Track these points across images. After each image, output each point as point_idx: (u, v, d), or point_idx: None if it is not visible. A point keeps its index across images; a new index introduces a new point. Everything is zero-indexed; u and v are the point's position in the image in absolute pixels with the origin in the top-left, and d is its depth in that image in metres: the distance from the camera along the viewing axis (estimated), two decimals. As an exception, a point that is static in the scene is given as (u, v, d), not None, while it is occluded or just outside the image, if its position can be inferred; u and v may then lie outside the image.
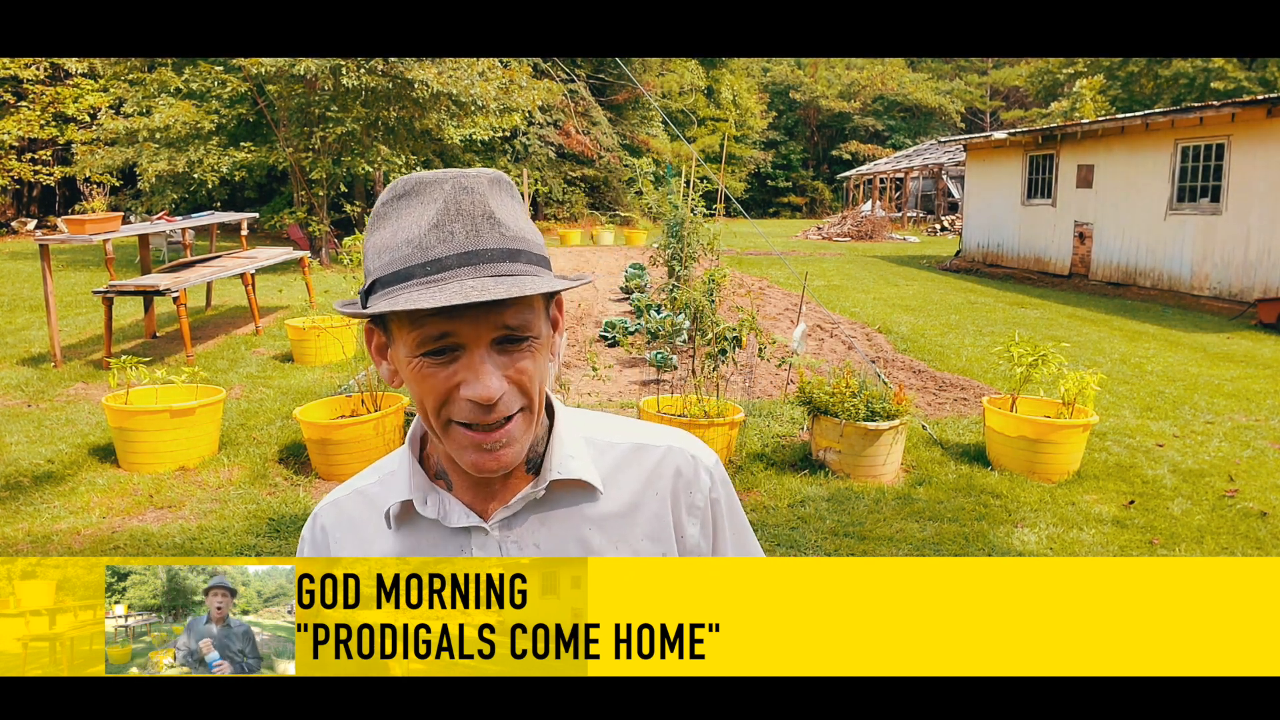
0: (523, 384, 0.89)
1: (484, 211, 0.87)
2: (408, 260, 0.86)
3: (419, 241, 0.86)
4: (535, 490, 0.97)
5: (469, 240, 0.86)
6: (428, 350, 0.87)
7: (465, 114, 16.38)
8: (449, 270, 0.85)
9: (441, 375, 0.88)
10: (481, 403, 0.86)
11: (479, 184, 0.88)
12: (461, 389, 0.87)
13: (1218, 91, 26.97)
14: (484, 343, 0.87)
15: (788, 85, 45.59)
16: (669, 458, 1.02)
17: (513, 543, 0.97)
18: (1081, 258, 15.39)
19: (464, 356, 0.87)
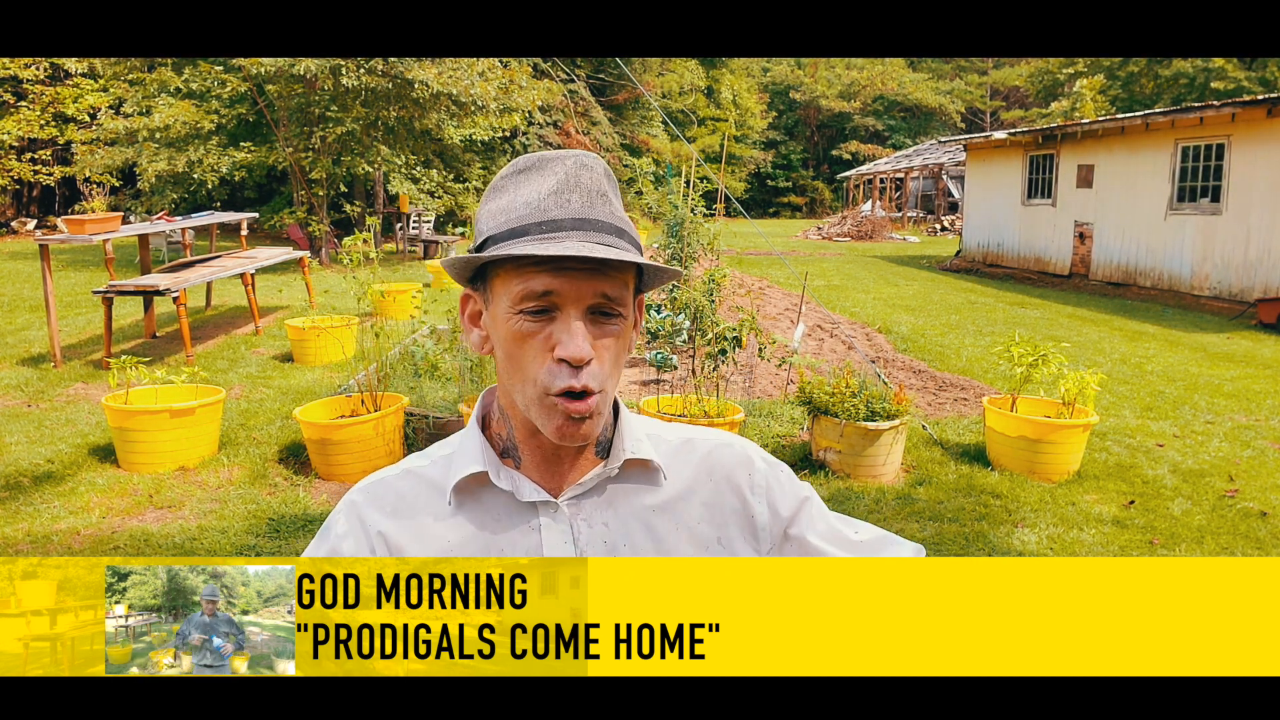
0: (604, 360, 0.93)
1: (599, 189, 0.94)
2: (524, 219, 0.92)
3: (538, 204, 0.92)
4: (609, 469, 1.00)
5: (584, 209, 0.92)
6: (528, 308, 0.91)
7: (465, 114, 16.38)
8: (563, 231, 0.90)
9: (538, 335, 0.92)
10: (573, 362, 0.90)
11: (597, 165, 0.96)
12: (556, 350, 0.91)
13: (1218, 91, 26.97)
14: (581, 306, 0.91)
15: (788, 85, 45.59)
16: (720, 451, 1.07)
17: (582, 519, 1.00)
18: (1082, 258, 15.39)
19: (560, 318, 0.91)
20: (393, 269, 15.97)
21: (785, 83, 45.68)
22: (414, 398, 5.89)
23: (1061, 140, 15.90)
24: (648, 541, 1.01)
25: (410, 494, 1.02)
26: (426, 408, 5.80)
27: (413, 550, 0.99)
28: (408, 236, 19.05)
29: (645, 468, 1.03)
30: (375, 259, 6.04)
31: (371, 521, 1.01)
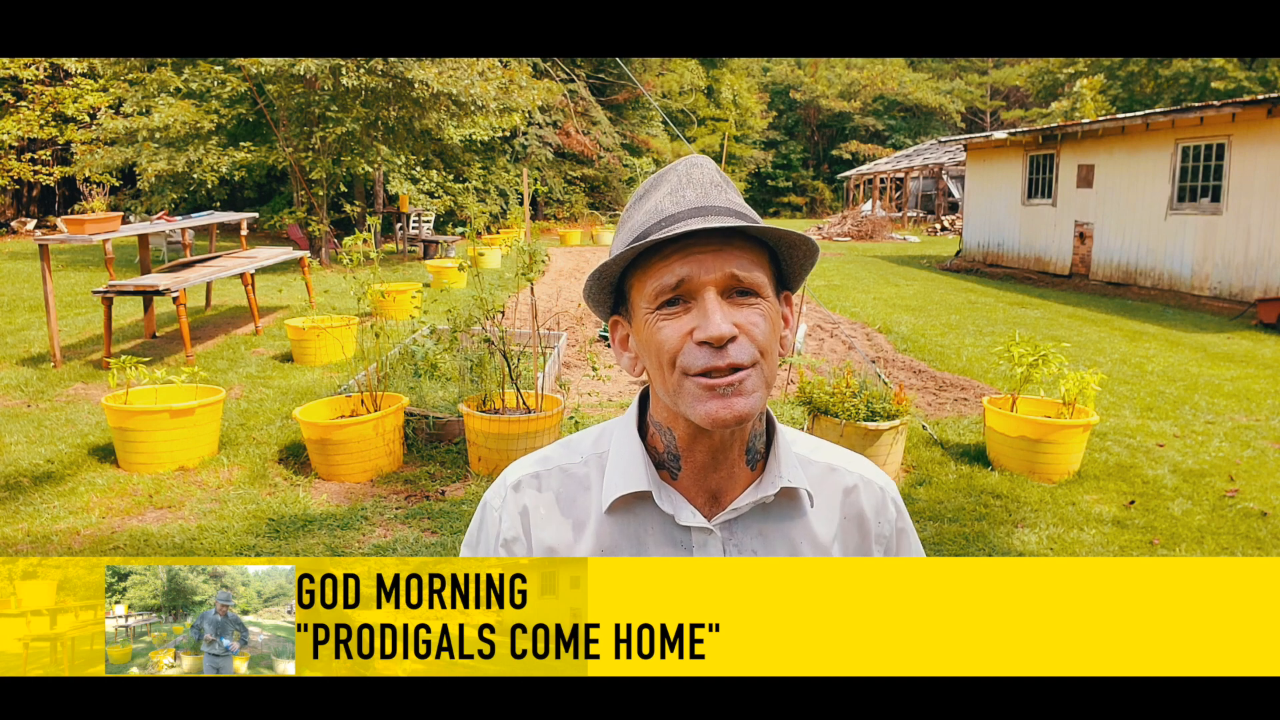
0: (753, 334, 0.90)
1: (712, 180, 0.95)
2: (645, 224, 0.93)
3: (655, 208, 0.94)
4: (765, 495, 0.97)
5: (698, 199, 0.93)
6: (663, 302, 0.91)
7: (465, 114, 16.38)
8: (680, 220, 0.90)
9: (675, 325, 0.90)
10: (713, 343, 0.88)
11: (708, 163, 0.98)
12: (695, 333, 0.89)
13: (1218, 91, 26.97)
14: (714, 288, 0.89)
15: (788, 85, 45.59)
16: (862, 488, 1.05)
17: (734, 545, 0.98)
18: (1082, 258, 15.39)
19: (695, 305, 0.90)
20: (393, 269, 15.97)
21: (785, 83, 45.68)
22: (414, 398, 5.89)
23: (1062, 140, 15.90)
24: None
25: (566, 496, 1.01)
26: (426, 408, 5.80)
27: (567, 550, 0.99)
28: (408, 236, 19.05)
29: (793, 495, 1.01)
30: (375, 259, 6.04)
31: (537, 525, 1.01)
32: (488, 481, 5.05)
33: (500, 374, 5.42)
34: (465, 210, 19.83)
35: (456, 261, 14.22)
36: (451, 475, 5.20)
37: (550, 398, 5.51)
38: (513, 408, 5.34)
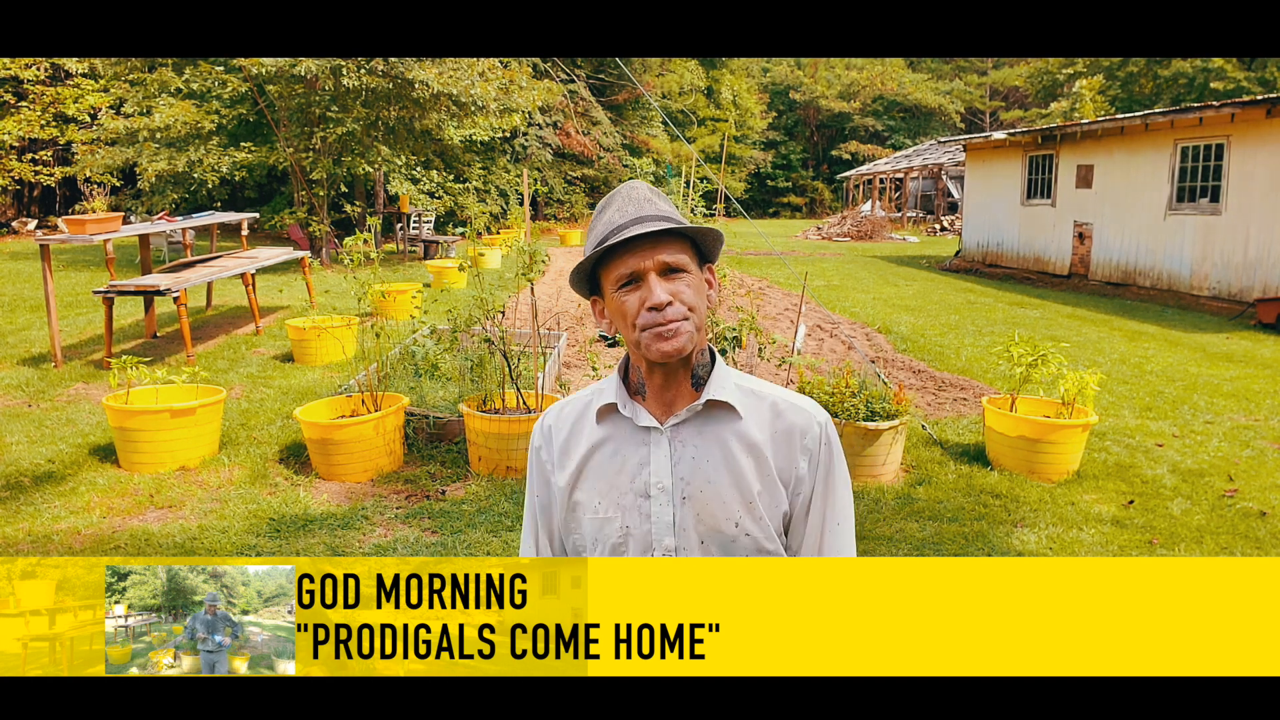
0: (681, 298, 1.32)
1: (644, 197, 1.37)
2: (602, 234, 1.36)
3: (609, 221, 1.36)
4: (696, 405, 1.36)
5: (638, 211, 1.34)
6: (621, 284, 1.33)
7: (465, 114, 16.37)
8: (624, 229, 1.32)
9: (632, 299, 1.32)
10: (656, 307, 1.30)
11: (639, 184, 1.41)
12: (645, 302, 1.30)
13: (1217, 91, 26.97)
14: (652, 271, 1.31)
15: (788, 85, 45.58)
16: (791, 412, 1.39)
17: (679, 441, 1.36)
18: (1081, 258, 15.39)
19: (643, 284, 1.31)
20: (393, 269, 15.97)
21: (785, 83, 45.67)
22: (414, 397, 5.89)
23: (1061, 140, 15.90)
24: (722, 464, 1.34)
25: (575, 415, 1.46)
26: (427, 407, 5.80)
27: (574, 451, 1.40)
28: (408, 237, 19.05)
29: (729, 409, 1.36)
30: (375, 259, 6.04)
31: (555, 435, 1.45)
32: (488, 481, 5.05)
33: (500, 374, 5.42)
34: (465, 210, 19.82)
35: (457, 262, 14.22)
36: (452, 475, 5.20)
37: (550, 397, 5.51)
38: (513, 407, 5.34)
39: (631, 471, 1.34)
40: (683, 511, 1.30)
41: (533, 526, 1.45)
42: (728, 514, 1.29)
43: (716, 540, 1.28)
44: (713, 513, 1.29)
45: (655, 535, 1.29)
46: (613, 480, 1.35)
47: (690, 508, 1.30)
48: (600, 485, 1.35)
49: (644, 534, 1.30)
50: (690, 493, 1.31)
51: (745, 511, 1.29)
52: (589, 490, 1.36)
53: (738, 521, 1.29)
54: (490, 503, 4.74)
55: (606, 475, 1.36)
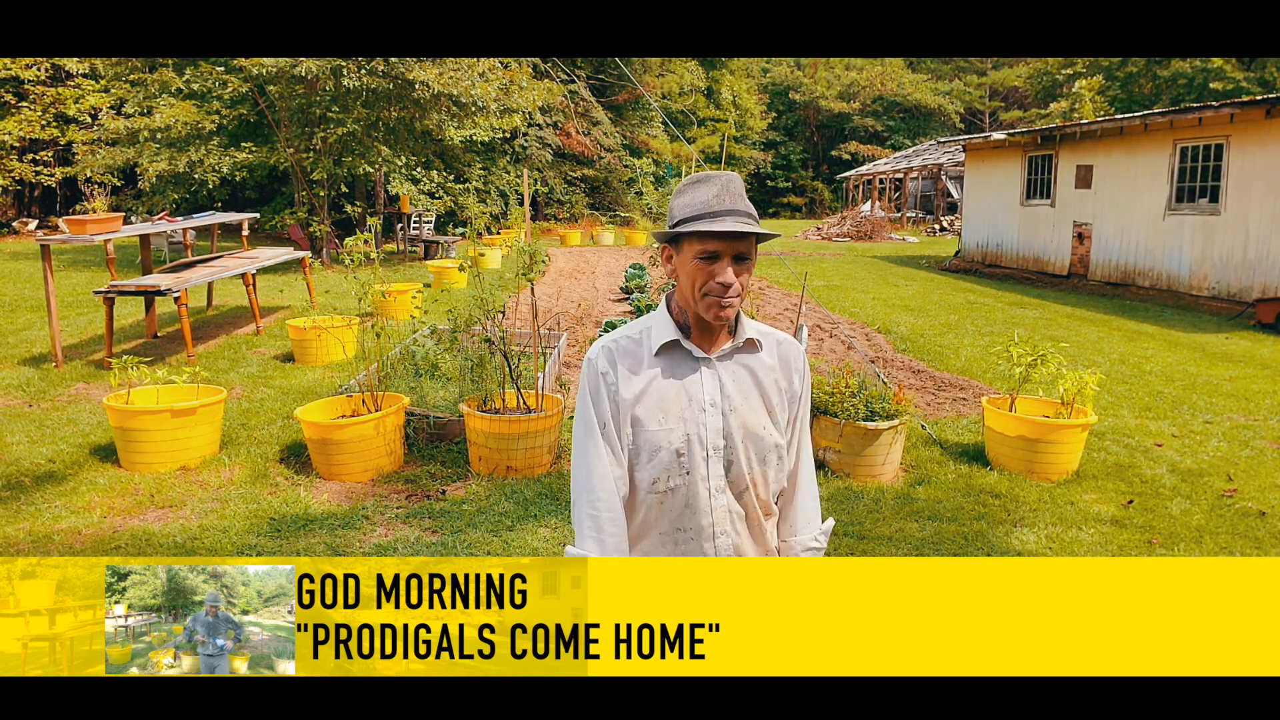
0: (743, 282, 1.68)
1: (740, 192, 1.69)
2: (703, 208, 1.66)
3: (708, 201, 1.67)
4: (738, 342, 1.77)
5: (733, 203, 1.67)
6: (703, 256, 1.66)
7: (466, 115, 16.37)
8: (724, 214, 1.65)
9: (707, 270, 1.66)
10: (724, 284, 1.65)
11: (738, 179, 1.71)
12: (717, 277, 1.66)
13: (1216, 92, 26.96)
14: (730, 256, 1.66)
15: (788, 85, 45.58)
16: (789, 345, 1.84)
17: (721, 368, 1.75)
18: (1080, 258, 15.39)
19: (719, 263, 1.65)
20: (393, 269, 15.97)
21: (785, 83, 45.66)
22: (414, 397, 5.89)
23: (1060, 141, 15.90)
24: (753, 386, 1.75)
25: (630, 350, 1.77)
26: (427, 407, 5.80)
27: (636, 378, 1.73)
28: (408, 237, 19.06)
29: (753, 346, 1.79)
30: (376, 259, 6.04)
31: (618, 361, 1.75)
32: (488, 481, 5.05)
33: (501, 374, 5.42)
34: (466, 211, 19.82)
35: (457, 262, 14.23)
36: (452, 475, 5.20)
37: (550, 397, 5.51)
38: (513, 407, 5.34)
39: (691, 391, 1.72)
40: (730, 421, 1.71)
41: (597, 437, 1.72)
42: (760, 422, 1.73)
43: (752, 440, 1.72)
44: (749, 421, 1.72)
45: (709, 438, 1.69)
46: (673, 399, 1.71)
47: (736, 418, 1.71)
48: (663, 404, 1.71)
49: (701, 437, 1.69)
50: (732, 406, 1.72)
51: (769, 419, 1.74)
52: (651, 408, 1.70)
53: (765, 426, 1.73)
54: (490, 503, 4.74)
55: (668, 395, 1.71)
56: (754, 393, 1.76)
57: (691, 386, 1.73)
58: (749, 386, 1.76)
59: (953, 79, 47.18)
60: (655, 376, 1.73)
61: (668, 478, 1.69)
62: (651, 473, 1.68)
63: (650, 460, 1.70)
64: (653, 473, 1.68)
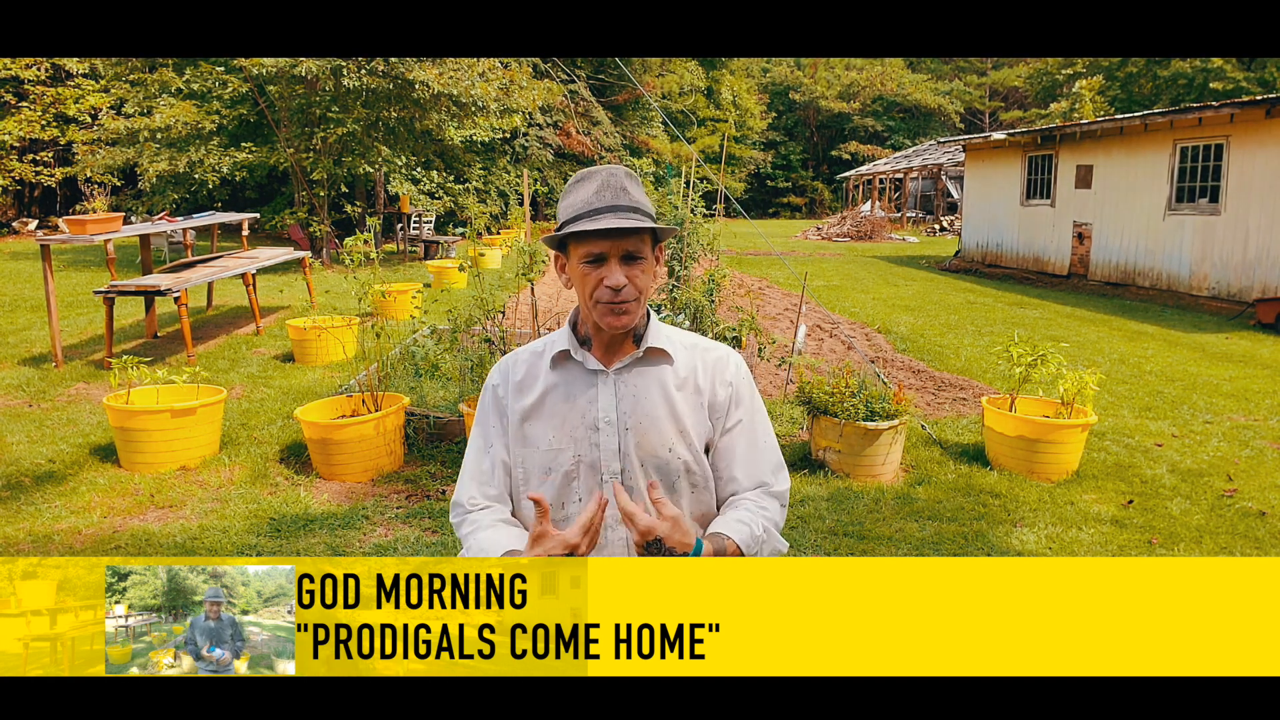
0: (636, 283, 1.53)
1: (622, 185, 1.55)
2: (581, 207, 1.53)
3: (586, 201, 1.53)
4: (637, 352, 1.60)
5: (614, 199, 1.52)
6: (588, 260, 1.53)
7: (466, 115, 16.37)
8: (603, 213, 1.51)
9: (595, 274, 1.53)
10: (613, 288, 1.51)
11: (619, 170, 1.57)
12: (605, 280, 1.51)
13: (1216, 92, 26.96)
14: (617, 256, 1.52)
15: (787, 85, 45.57)
16: (710, 350, 1.66)
17: (621, 382, 1.59)
18: (1080, 258, 15.39)
19: (606, 264, 1.52)
20: (393, 269, 15.96)
21: (785, 83, 45.66)
22: (414, 398, 5.88)
23: (1060, 141, 15.90)
24: (660, 400, 1.57)
25: (529, 361, 1.66)
26: (427, 408, 5.80)
27: (529, 391, 1.60)
28: (408, 237, 19.05)
29: (661, 355, 1.62)
30: (376, 259, 6.04)
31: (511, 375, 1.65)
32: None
33: (500, 374, 5.41)
34: (466, 211, 19.82)
35: (457, 262, 14.23)
36: (452, 475, 5.20)
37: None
38: (513, 408, 5.33)
39: (582, 408, 1.56)
40: (626, 440, 1.54)
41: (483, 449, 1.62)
42: (664, 441, 1.55)
43: (654, 463, 1.54)
44: (651, 440, 1.54)
45: (604, 461, 1.54)
46: (565, 416, 1.56)
47: (632, 437, 1.54)
48: (553, 421, 1.56)
49: (593, 460, 1.54)
50: (632, 424, 1.55)
51: (678, 438, 1.56)
52: (542, 426, 1.57)
53: (671, 447, 1.55)
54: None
55: (559, 413, 1.57)
56: (660, 407, 1.55)
57: (584, 402, 1.56)
58: (653, 401, 1.56)
59: (953, 79, 47.18)
60: (548, 391, 1.58)
61: (561, 505, 1.51)
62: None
63: (541, 484, 1.54)
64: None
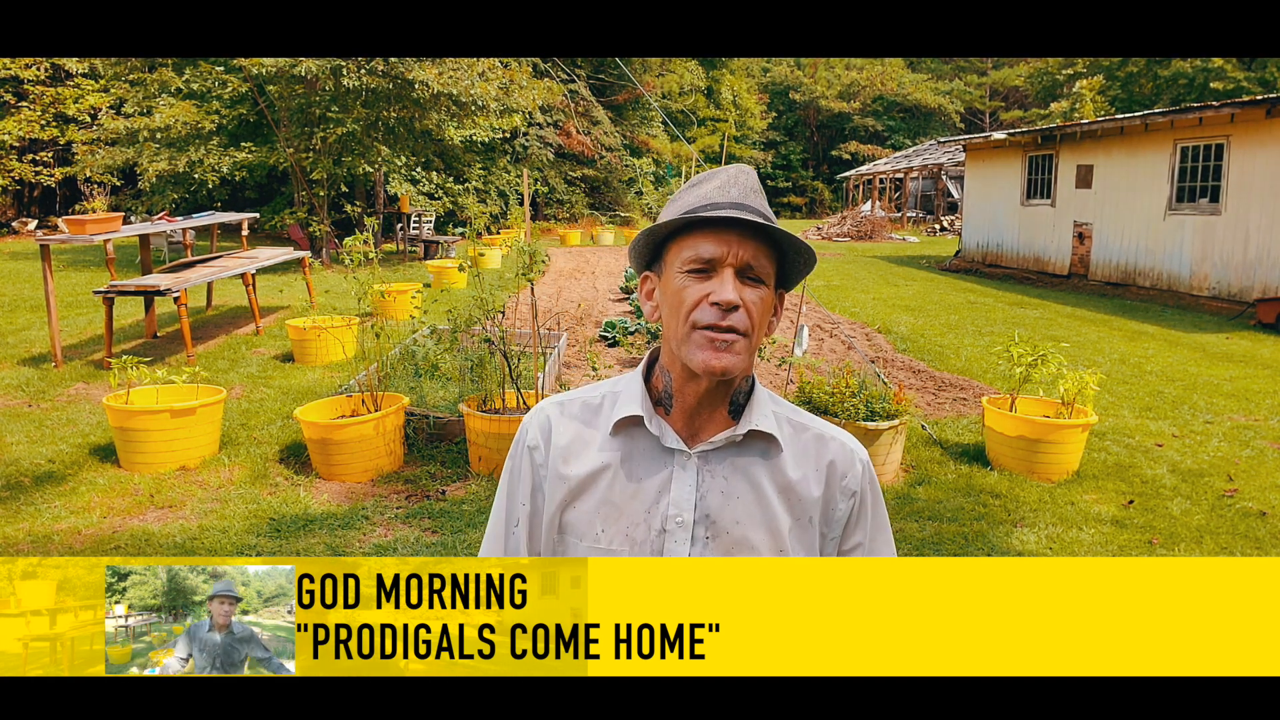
0: (750, 311, 1.13)
1: (752, 186, 1.19)
2: (693, 207, 1.15)
3: (705, 195, 1.16)
4: (735, 433, 1.18)
5: (741, 197, 1.16)
6: (693, 268, 1.13)
7: (466, 114, 16.37)
8: (724, 209, 1.13)
9: (696, 287, 1.13)
10: (723, 305, 1.11)
11: (752, 172, 1.21)
12: (711, 295, 1.12)
13: (1217, 92, 26.96)
14: (732, 265, 1.12)
15: (788, 85, 45.57)
16: (834, 446, 1.23)
17: (707, 471, 1.17)
18: (1081, 258, 15.39)
19: (715, 277, 1.13)
20: (393, 269, 15.97)
21: (785, 83, 45.66)
22: (414, 398, 5.88)
23: (1061, 141, 15.90)
24: (755, 504, 1.16)
25: (581, 418, 1.24)
26: (427, 408, 5.80)
27: (576, 462, 1.19)
28: (408, 237, 19.06)
29: (767, 440, 1.20)
30: (375, 259, 6.04)
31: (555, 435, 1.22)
32: (489, 481, 5.05)
33: (500, 374, 5.42)
34: (465, 211, 19.82)
35: (457, 262, 14.23)
36: (452, 475, 5.20)
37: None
38: (513, 407, 5.34)
39: (648, 499, 1.14)
40: (703, 554, 1.10)
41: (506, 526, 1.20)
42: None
43: None
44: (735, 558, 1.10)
45: None
46: (623, 507, 1.14)
47: (713, 550, 1.11)
48: (606, 511, 1.14)
49: None
50: (715, 533, 1.12)
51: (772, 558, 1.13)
52: (589, 514, 1.14)
53: None
54: (490, 503, 4.74)
55: (616, 500, 1.14)
56: (756, 514, 1.14)
57: (651, 490, 1.15)
58: (749, 504, 1.15)
59: (953, 79, 47.18)
60: (605, 467, 1.17)
61: None
62: None
63: None
64: None
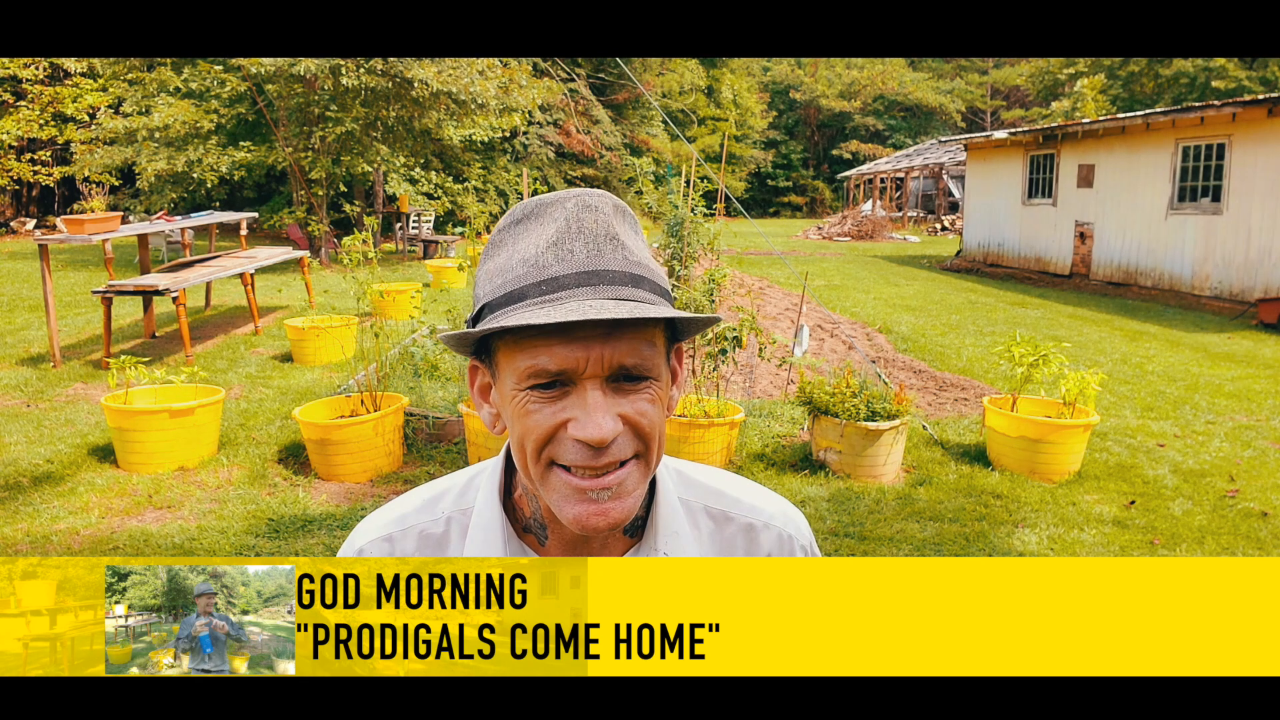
0: (640, 427, 0.79)
1: (607, 232, 0.79)
2: (521, 280, 0.78)
3: (535, 260, 0.78)
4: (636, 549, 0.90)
5: (589, 260, 0.77)
6: (535, 382, 0.78)
7: (465, 113, 16.38)
8: (566, 290, 0.76)
9: (547, 411, 0.78)
10: (592, 444, 0.77)
11: (603, 203, 0.81)
12: (570, 427, 0.77)
13: (1219, 91, 26.96)
14: (598, 377, 0.77)
15: (788, 85, 45.58)
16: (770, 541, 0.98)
17: None
18: (1082, 257, 15.38)
19: (574, 392, 0.77)
20: (392, 269, 15.97)
21: (785, 82, 45.67)
22: (413, 398, 5.88)
23: (1062, 140, 15.90)
24: None
25: (414, 550, 0.94)
26: (426, 408, 5.80)
27: None
28: (407, 236, 19.06)
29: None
30: (374, 259, 6.03)
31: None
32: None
33: (500, 374, 5.42)
34: (465, 210, 19.82)
35: (456, 261, 14.23)
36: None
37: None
38: (513, 408, 5.33)
39: None
40: None
41: None
42: None
43: None
44: None
45: None
46: None
47: None
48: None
49: None
50: None
51: None
52: None
53: None
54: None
55: None
56: None
57: None
58: None
59: (954, 78, 47.18)
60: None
61: None
62: None
63: None
64: None
